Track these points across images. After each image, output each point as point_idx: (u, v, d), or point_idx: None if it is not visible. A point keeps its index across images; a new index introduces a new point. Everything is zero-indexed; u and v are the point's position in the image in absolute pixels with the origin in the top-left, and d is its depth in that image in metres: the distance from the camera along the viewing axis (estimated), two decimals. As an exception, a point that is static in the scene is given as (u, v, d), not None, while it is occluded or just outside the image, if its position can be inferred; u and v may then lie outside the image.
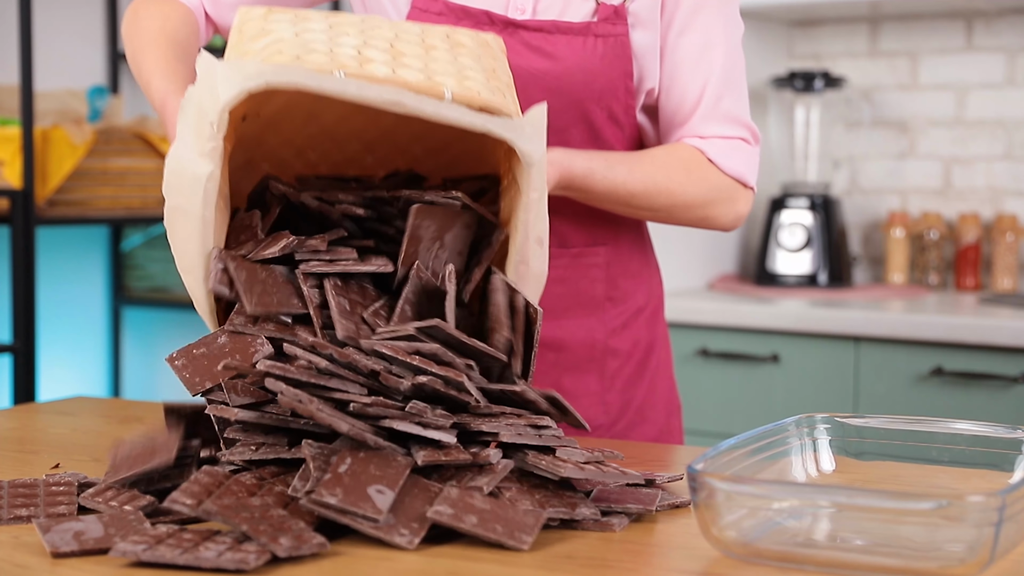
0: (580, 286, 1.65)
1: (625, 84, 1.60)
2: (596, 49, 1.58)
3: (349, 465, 0.99)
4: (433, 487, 1.01)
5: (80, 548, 0.96)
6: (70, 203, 3.12)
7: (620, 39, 1.59)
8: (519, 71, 1.57)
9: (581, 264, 1.65)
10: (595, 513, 1.06)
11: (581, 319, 1.65)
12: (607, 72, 1.59)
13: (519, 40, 1.59)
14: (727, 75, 1.63)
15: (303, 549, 0.94)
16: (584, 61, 1.58)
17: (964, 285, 3.25)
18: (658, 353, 1.74)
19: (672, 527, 1.09)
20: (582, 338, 1.67)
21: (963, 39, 3.27)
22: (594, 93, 1.59)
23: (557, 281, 1.64)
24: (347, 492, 0.97)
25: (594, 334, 1.67)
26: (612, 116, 1.62)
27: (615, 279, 1.67)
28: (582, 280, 1.65)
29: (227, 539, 0.95)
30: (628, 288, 1.69)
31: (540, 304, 1.66)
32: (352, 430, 1.02)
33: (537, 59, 1.59)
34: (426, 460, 1.03)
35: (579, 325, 1.66)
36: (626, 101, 1.61)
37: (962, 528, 0.94)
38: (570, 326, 1.67)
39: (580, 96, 1.59)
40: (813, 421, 1.22)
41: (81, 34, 3.45)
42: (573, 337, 1.67)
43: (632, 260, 1.69)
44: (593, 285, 1.66)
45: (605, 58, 1.59)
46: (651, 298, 1.73)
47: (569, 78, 1.58)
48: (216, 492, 1.00)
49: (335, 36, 1.21)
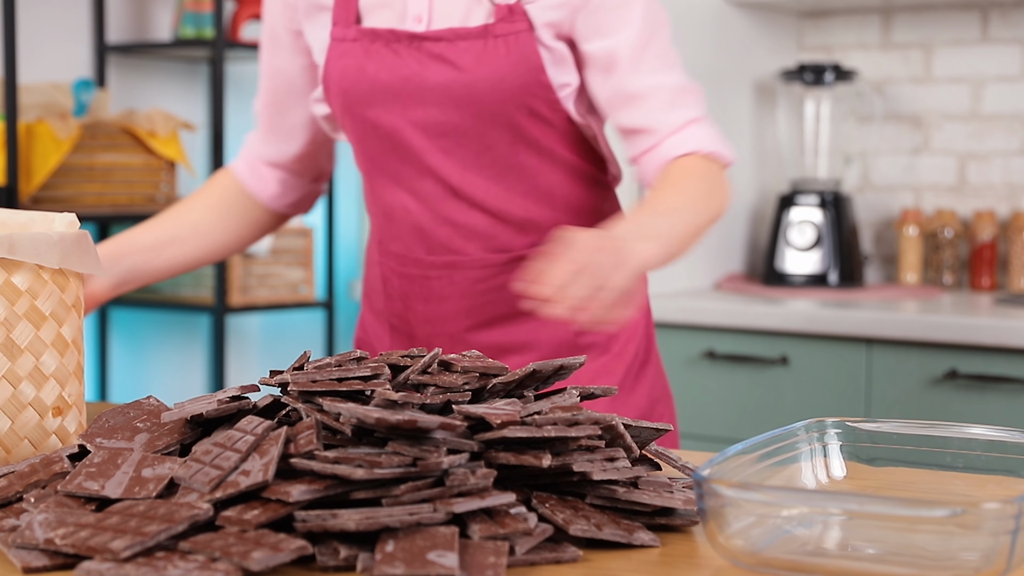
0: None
1: (538, 79, 1.62)
2: (498, 50, 1.61)
3: (394, 545, 0.97)
4: (487, 545, 1.00)
5: (51, 563, 0.97)
6: (55, 200, 3.12)
7: (522, 36, 1.61)
8: (428, 84, 1.62)
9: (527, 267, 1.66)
10: (654, 539, 1.06)
11: (543, 319, 1.65)
12: (515, 71, 1.61)
13: (424, 52, 1.63)
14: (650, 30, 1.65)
15: (280, 557, 0.94)
16: (489, 64, 1.61)
17: (980, 285, 3.25)
18: (635, 343, 1.75)
19: (673, 536, 1.09)
20: (548, 338, 1.70)
21: (978, 30, 3.27)
22: (506, 94, 1.62)
23: (506, 287, 1.68)
24: (408, 564, 0.94)
25: (561, 333, 1.70)
26: (535, 113, 1.64)
27: None
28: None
29: (198, 558, 0.95)
30: None
31: (498, 310, 1.71)
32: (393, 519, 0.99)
33: (443, 69, 1.63)
34: (484, 534, 1.00)
35: (543, 325, 1.68)
36: (546, 96, 1.63)
37: (978, 536, 0.94)
38: (533, 327, 1.69)
39: (493, 99, 1.62)
40: (823, 426, 1.22)
41: (66, 26, 3.44)
42: (538, 338, 1.70)
43: None
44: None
45: (510, 57, 1.61)
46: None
47: (478, 83, 1.62)
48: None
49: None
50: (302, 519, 0.97)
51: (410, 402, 1.08)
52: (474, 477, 1.01)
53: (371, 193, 1.75)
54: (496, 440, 1.04)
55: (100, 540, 0.95)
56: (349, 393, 1.11)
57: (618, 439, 1.11)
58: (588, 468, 1.06)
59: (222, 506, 1.01)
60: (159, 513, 0.98)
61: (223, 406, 1.13)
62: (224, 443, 1.06)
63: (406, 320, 1.75)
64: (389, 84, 1.65)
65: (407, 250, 1.72)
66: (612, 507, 1.08)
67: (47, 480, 1.11)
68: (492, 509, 1.02)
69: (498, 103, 1.62)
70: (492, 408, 1.07)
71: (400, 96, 1.65)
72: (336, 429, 1.06)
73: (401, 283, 1.74)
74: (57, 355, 1.27)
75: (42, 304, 1.26)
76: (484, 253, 1.69)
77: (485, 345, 1.71)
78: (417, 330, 1.75)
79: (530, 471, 1.07)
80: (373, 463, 1.00)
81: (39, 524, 1.00)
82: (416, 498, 0.99)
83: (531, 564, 1.00)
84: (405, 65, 1.65)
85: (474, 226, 1.68)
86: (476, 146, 1.65)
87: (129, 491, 1.05)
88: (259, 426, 1.07)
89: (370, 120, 1.68)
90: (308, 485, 0.99)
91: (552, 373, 1.18)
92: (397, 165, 1.69)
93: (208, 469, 1.03)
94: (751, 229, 3.47)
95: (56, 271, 1.27)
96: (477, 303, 1.71)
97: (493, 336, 1.71)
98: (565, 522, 1.03)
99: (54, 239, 1.26)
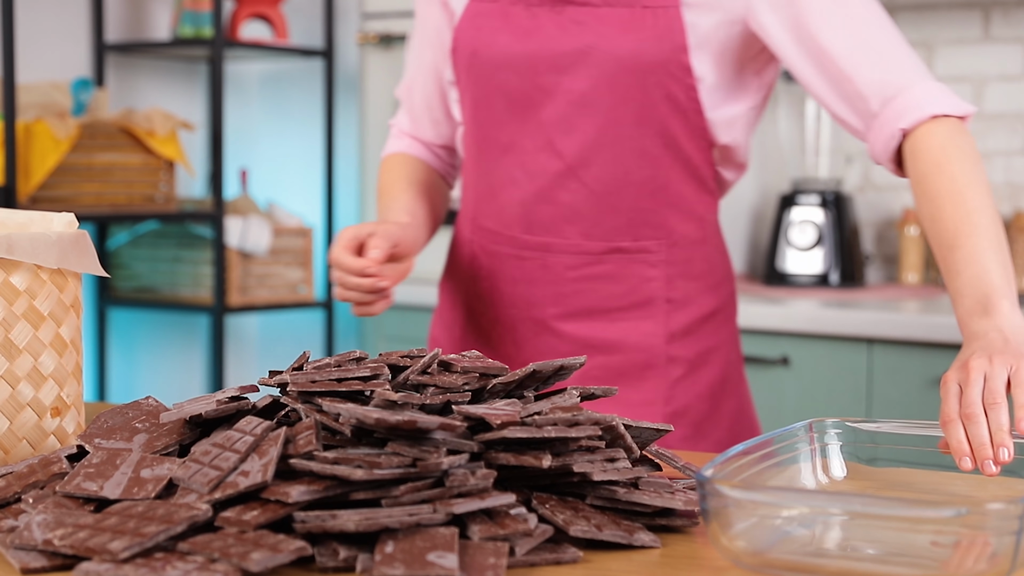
0: (633, 284, 1.63)
1: (679, 60, 1.57)
2: (644, 21, 1.56)
3: (394, 545, 0.97)
4: (487, 545, 1.00)
5: (49, 564, 0.97)
6: (53, 200, 3.11)
7: (670, 11, 1.56)
8: (565, 50, 1.57)
9: (634, 260, 1.63)
10: (655, 540, 1.05)
11: (636, 321, 1.63)
12: (657, 46, 1.56)
13: (567, 18, 1.59)
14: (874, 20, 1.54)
15: (279, 558, 0.94)
16: (631, 34, 1.56)
17: (981, 285, 3.25)
18: (727, 366, 1.70)
19: (674, 536, 1.09)
20: (636, 341, 1.64)
21: (980, 29, 3.27)
22: (644, 68, 1.56)
23: (607, 278, 1.63)
24: (408, 565, 0.94)
25: (652, 338, 1.64)
26: (670, 97, 1.58)
27: (674, 279, 1.64)
28: (634, 277, 1.63)
29: (197, 559, 0.95)
30: (692, 290, 1.66)
31: (589, 302, 1.66)
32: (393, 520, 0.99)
33: (583, 36, 1.58)
34: (484, 534, 1.00)
35: (633, 328, 1.64)
36: (684, 80, 1.58)
37: (983, 537, 0.94)
38: (623, 327, 1.64)
39: (630, 72, 1.56)
40: (824, 426, 1.22)
41: (65, 25, 3.44)
42: (626, 340, 1.64)
43: (694, 261, 1.66)
44: (648, 284, 1.64)
45: (655, 30, 1.56)
46: (721, 305, 1.69)
47: (617, 53, 1.56)
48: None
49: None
50: (301, 520, 0.97)
51: (410, 402, 1.08)
52: (474, 478, 1.01)
53: (476, 168, 1.70)
54: (496, 440, 1.04)
55: (99, 541, 0.95)
56: (348, 393, 1.11)
57: (618, 440, 1.11)
58: (588, 469, 1.06)
59: (221, 507, 1.01)
60: (158, 514, 0.98)
61: (222, 407, 1.13)
62: (223, 444, 1.06)
63: (490, 302, 1.70)
64: (523, 47, 1.61)
65: (504, 227, 1.68)
66: (612, 508, 1.08)
67: (45, 481, 1.11)
68: (492, 510, 1.02)
69: (634, 76, 1.57)
70: (492, 408, 1.07)
71: (533, 61, 1.60)
72: (335, 430, 1.06)
73: (491, 262, 1.70)
74: (55, 355, 1.27)
75: (40, 304, 1.26)
76: (582, 239, 1.64)
77: (570, 338, 1.66)
78: (501, 313, 1.70)
79: (530, 472, 1.07)
80: (373, 464, 0.99)
81: (37, 525, 1.00)
82: (416, 499, 0.99)
83: (531, 565, 1.00)
84: (542, 29, 1.60)
85: (579, 208, 1.63)
86: (602, 121, 1.59)
87: (128, 492, 1.05)
88: (258, 427, 1.06)
89: (497, 84, 1.63)
90: (307, 486, 0.99)
91: (552, 373, 1.18)
92: (515, 135, 1.64)
93: (207, 470, 1.03)
94: (752, 229, 3.47)
95: (54, 271, 1.27)
96: (566, 291, 1.66)
97: (580, 329, 1.66)
98: (565, 523, 1.03)
99: (52, 239, 1.26)
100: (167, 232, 3.53)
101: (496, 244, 1.69)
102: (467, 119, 1.70)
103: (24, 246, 1.23)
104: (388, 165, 1.82)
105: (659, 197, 1.63)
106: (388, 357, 1.19)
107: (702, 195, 1.67)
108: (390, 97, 3.53)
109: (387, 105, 3.54)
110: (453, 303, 1.78)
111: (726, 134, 1.63)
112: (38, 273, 1.25)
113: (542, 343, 1.67)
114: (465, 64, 1.66)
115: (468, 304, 1.74)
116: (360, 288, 1.54)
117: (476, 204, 1.71)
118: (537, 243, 1.66)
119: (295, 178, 3.92)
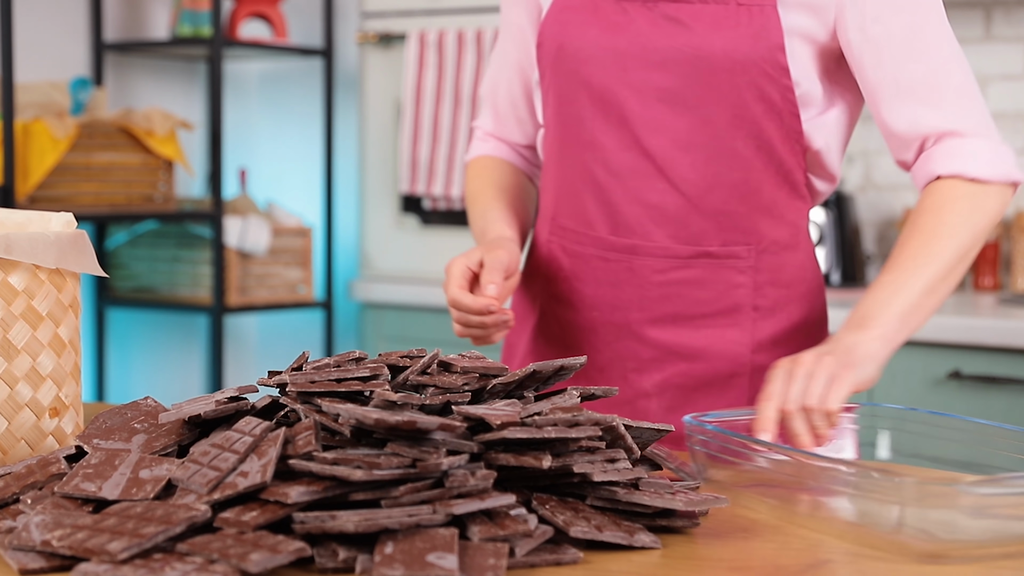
0: (720, 290, 1.60)
1: (775, 59, 1.54)
2: (739, 18, 1.54)
3: (393, 546, 0.97)
4: (486, 546, 1.00)
5: (48, 565, 0.97)
6: (52, 199, 3.12)
7: (766, 9, 1.54)
8: (656, 46, 1.55)
9: (722, 266, 1.60)
10: (655, 541, 1.05)
11: (722, 328, 1.60)
12: (752, 44, 1.54)
13: (659, 13, 1.56)
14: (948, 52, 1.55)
15: (278, 559, 0.94)
16: (725, 31, 1.54)
17: (982, 285, 3.25)
18: None
19: (674, 537, 1.09)
20: (722, 350, 1.61)
21: (981, 29, 3.27)
22: (738, 67, 1.54)
23: (694, 283, 1.60)
24: (408, 566, 0.94)
25: (737, 347, 1.61)
26: (764, 97, 1.55)
27: (762, 287, 1.61)
28: (722, 283, 1.60)
29: (196, 560, 0.95)
30: (781, 299, 1.62)
31: (674, 307, 1.61)
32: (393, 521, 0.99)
33: (675, 32, 1.56)
34: (484, 535, 1.00)
35: (719, 335, 1.61)
36: (779, 81, 1.55)
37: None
38: (708, 335, 1.61)
39: (723, 69, 1.54)
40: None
41: (63, 24, 3.44)
42: (711, 347, 1.61)
43: (785, 268, 1.62)
44: (736, 291, 1.60)
45: (750, 28, 1.54)
46: (811, 316, 1.66)
47: (710, 49, 1.54)
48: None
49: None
50: (301, 520, 0.97)
51: (409, 403, 1.08)
52: (474, 478, 1.01)
53: (558, 166, 1.66)
54: (496, 441, 1.04)
55: (97, 542, 0.95)
56: (348, 394, 1.11)
57: (619, 440, 1.11)
58: (589, 469, 1.06)
59: (220, 507, 1.01)
60: (157, 514, 0.98)
61: (221, 407, 1.13)
62: (222, 444, 1.06)
63: (569, 304, 1.66)
64: (612, 42, 1.58)
65: (587, 227, 1.64)
66: (613, 508, 1.08)
67: (44, 481, 1.11)
68: (492, 510, 1.02)
69: (728, 74, 1.54)
70: (492, 409, 1.07)
71: (623, 56, 1.57)
72: (335, 430, 1.06)
73: (572, 263, 1.66)
74: (54, 355, 1.27)
75: (39, 304, 1.26)
76: (670, 242, 1.60)
77: (653, 343, 1.62)
78: (580, 315, 1.65)
79: (530, 472, 1.07)
80: (372, 464, 0.99)
81: (36, 526, 1.00)
82: (415, 499, 0.99)
83: (531, 566, 1.00)
84: (633, 24, 1.57)
85: (667, 209, 1.59)
86: (694, 119, 1.56)
87: (126, 492, 1.05)
88: (257, 427, 1.06)
89: (583, 79, 1.60)
90: (307, 486, 0.99)
91: (552, 374, 1.18)
92: (601, 133, 1.61)
93: (206, 470, 1.03)
94: (753, 229, 3.47)
95: (53, 271, 1.27)
96: (651, 295, 1.61)
97: (664, 335, 1.62)
98: (566, 523, 1.03)
99: (51, 239, 1.26)
100: (166, 232, 3.53)
101: (579, 244, 1.65)
102: (550, 116, 1.67)
103: (22, 246, 1.23)
104: (475, 170, 1.80)
105: (750, 201, 1.59)
106: (388, 357, 1.19)
107: (794, 200, 1.62)
108: (390, 96, 3.53)
109: (387, 104, 3.54)
110: (525, 305, 1.74)
111: (819, 138, 1.60)
112: (36, 273, 1.25)
113: (623, 347, 1.63)
114: (551, 59, 1.63)
115: (542, 306, 1.70)
116: (484, 325, 1.53)
117: (556, 203, 1.68)
118: (623, 244, 1.62)
119: (294, 178, 3.92)
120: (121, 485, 1.06)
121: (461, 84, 3.35)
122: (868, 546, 1.07)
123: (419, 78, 3.39)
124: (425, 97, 3.39)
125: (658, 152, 1.58)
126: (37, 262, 1.24)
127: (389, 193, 3.54)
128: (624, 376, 1.63)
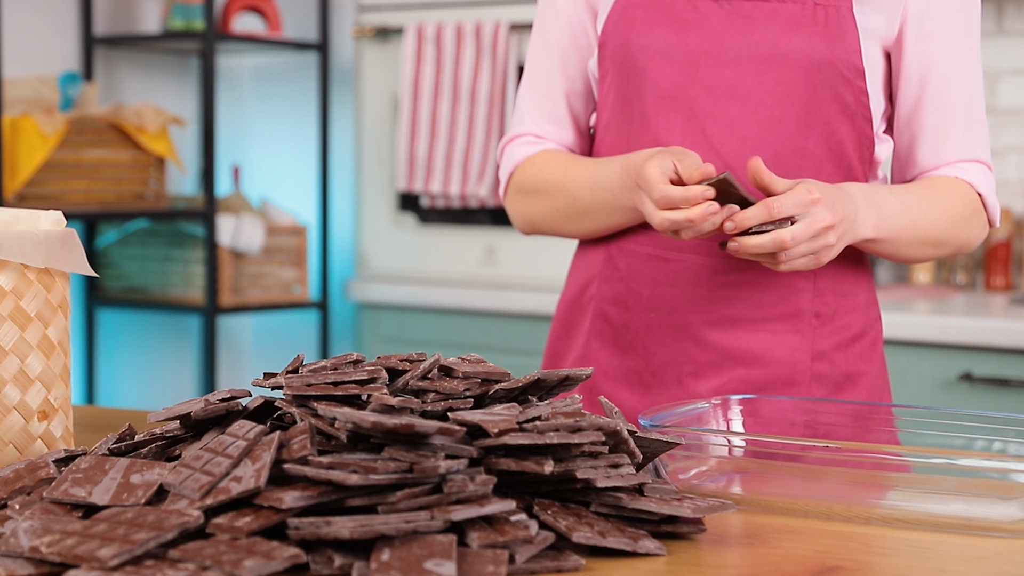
0: (782, 294, 1.59)
1: (850, 60, 1.54)
2: (816, 18, 1.54)
3: (390, 553, 0.97)
4: (486, 553, 1.00)
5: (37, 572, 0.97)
6: (41, 197, 3.12)
7: (842, 10, 1.54)
8: (728, 44, 1.55)
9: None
10: (660, 547, 1.05)
11: (782, 334, 1.59)
12: (828, 45, 1.54)
13: (730, 10, 1.56)
14: (977, 91, 1.63)
15: (273, 566, 0.94)
16: (801, 30, 1.54)
17: (994, 285, 3.25)
18: (872, 394, 1.64)
19: (679, 544, 1.09)
20: (781, 356, 1.60)
21: (994, 23, 3.26)
22: (813, 66, 1.54)
23: (755, 285, 1.59)
24: (405, 573, 0.93)
25: (796, 353, 1.60)
26: (838, 98, 1.55)
27: (824, 293, 1.60)
28: (783, 287, 1.59)
29: (188, 566, 0.95)
30: (840, 307, 1.61)
31: (734, 310, 1.60)
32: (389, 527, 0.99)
33: (748, 29, 1.56)
34: (483, 542, 1.00)
35: (779, 341, 1.60)
36: (853, 83, 1.55)
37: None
38: (768, 339, 1.60)
39: (797, 68, 1.54)
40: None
41: (52, 18, 3.44)
42: (771, 353, 1.60)
43: (846, 276, 1.62)
44: (797, 296, 1.60)
45: (827, 28, 1.54)
46: (869, 327, 1.64)
47: (784, 47, 1.54)
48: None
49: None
50: (295, 526, 0.97)
51: (407, 407, 1.08)
52: (473, 483, 1.01)
53: None
54: (497, 446, 1.04)
55: (87, 548, 0.95)
56: (345, 397, 1.11)
57: (621, 445, 1.11)
58: (592, 475, 1.06)
59: (213, 513, 1.01)
60: (148, 520, 0.98)
61: (211, 407, 1.13)
62: (215, 448, 1.05)
63: (624, 304, 1.64)
64: (683, 40, 1.57)
65: (646, 226, 1.61)
66: (616, 515, 1.08)
67: (32, 486, 1.11)
68: (492, 516, 1.02)
69: (802, 75, 1.54)
70: (489, 415, 1.07)
71: (693, 54, 1.57)
72: (331, 434, 1.06)
73: (628, 262, 1.64)
74: (43, 357, 1.27)
75: (27, 305, 1.26)
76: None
77: (710, 346, 1.60)
78: (636, 317, 1.63)
79: (531, 478, 1.07)
80: (369, 469, 0.99)
81: (24, 532, 1.00)
82: (413, 505, 0.99)
83: (532, 573, 1.00)
84: (705, 21, 1.57)
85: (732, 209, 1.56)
86: (764, 118, 1.55)
87: (117, 498, 1.05)
88: (251, 431, 1.06)
89: (648, 77, 1.59)
90: (302, 492, 0.99)
91: (557, 383, 1.18)
92: (667, 132, 1.59)
93: (198, 475, 1.03)
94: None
95: (42, 271, 1.27)
96: (710, 296, 1.60)
97: (722, 338, 1.60)
98: (568, 529, 1.03)
99: (40, 238, 1.26)
100: (157, 230, 3.53)
101: (637, 244, 1.64)
102: (611, 116, 1.65)
103: (10, 245, 1.23)
104: (539, 161, 1.72)
105: None
106: (386, 360, 1.19)
107: None
108: (386, 91, 3.53)
109: (384, 100, 3.54)
110: (578, 307, 1.71)
111: (884, 149, 1.61)
112: (25, 273, 1.25)
113: (679, 350, 1.61)
114: (616, 57, 1.62)
115: (596, 307, 1.68)
116: (691, 221, 1.46)
117: None
118: (684, 244, 1.60)
119: (289, 175, 3.92)
120: (112, 490, 1.06)
121: (460, 79, 3.35)
122: (868, 546, 1.07)
123: (417, 73, 3.39)
124: (423, 92, 3.39)
125: (727, 151, 1.57)
126: (25, 261, 1.24)
127: (386, 191, 3.54)
128: (680, 380, 1.61)
